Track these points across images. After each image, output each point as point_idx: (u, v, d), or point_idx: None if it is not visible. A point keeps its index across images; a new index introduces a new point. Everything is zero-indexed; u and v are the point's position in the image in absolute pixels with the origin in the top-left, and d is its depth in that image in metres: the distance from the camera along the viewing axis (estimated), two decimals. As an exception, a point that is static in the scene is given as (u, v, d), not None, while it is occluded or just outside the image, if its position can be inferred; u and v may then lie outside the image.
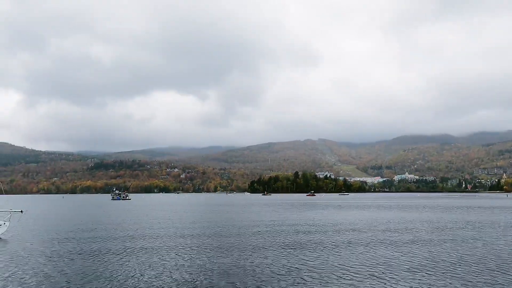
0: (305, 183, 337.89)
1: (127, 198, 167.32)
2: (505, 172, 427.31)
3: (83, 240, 29.96)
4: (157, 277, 17.37)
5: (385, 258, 21.44)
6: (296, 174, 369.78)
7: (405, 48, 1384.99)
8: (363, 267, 19.25)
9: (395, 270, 18.39)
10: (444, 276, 17.20)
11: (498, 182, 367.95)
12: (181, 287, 15.88)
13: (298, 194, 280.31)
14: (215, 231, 35.99)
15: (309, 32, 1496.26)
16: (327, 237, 31.14)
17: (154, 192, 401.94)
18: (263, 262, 20.57)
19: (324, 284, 16.06)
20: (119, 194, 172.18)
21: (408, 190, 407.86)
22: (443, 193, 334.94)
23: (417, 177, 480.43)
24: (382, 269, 18.72)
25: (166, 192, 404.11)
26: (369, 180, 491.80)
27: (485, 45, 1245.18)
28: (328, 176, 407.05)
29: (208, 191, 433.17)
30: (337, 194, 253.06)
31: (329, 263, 20.35)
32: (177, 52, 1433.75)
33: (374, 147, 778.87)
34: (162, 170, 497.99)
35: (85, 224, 44.55)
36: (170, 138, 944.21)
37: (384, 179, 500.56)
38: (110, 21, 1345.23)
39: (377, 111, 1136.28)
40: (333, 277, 17.26)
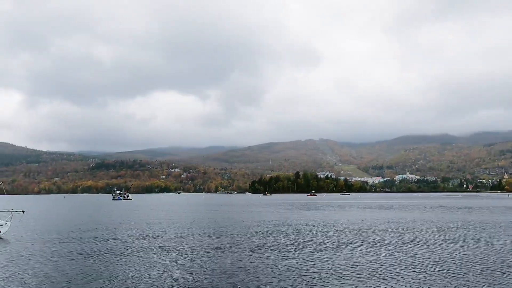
0: (306, 183, 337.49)
1: (128, 198, 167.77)
2: (506, 172, 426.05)
3: (84, 240, 30.03)
4: (158, 277, 17.41)
5: (386, 259, 21.43)
6: (297, 174, 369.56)
7: (405, 48, 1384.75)
8: (363, 267, 19.25)
9: (396, 271, 18.38)
10: (445, 277, 17.19)
11: (500, 182, 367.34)
12: (181, 287, 15.92)
13: (299, 194, 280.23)
14: (215, 231, 36.02)
15: (309, 32, 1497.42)
16: (328, 237, 31.14)
17: (155, 192, 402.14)
18: (263, 262, 20.58)
19: (325, 284, 16.06)
20: (120, 194, 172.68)
21: (409, 190, 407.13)
22: (444, 193, 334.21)
23: (418, 177, 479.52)
24: (383, 269, 18.72)
25: (167, 192, 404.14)
26: (370, 180, 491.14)
27: (485, 45, 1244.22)
28: (329, 176, 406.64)
29: (209, 191, 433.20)
30: (338, 194, 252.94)
31: (329, 263, 20.35)
32: (178, 52, 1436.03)
33: (375, 147, 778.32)
34: (163, 170, 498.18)
35: (86, 224, 44.65)
36: (171, 138, 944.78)
37: (385, 179, 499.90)
38: (111, 21, 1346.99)
39: (378, 111, 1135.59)
40: (333, 277, 17.26)
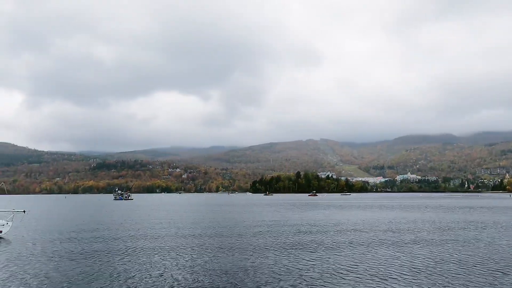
0: (307, 183, 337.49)
1: (130, 198, 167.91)
2: (508, 172, 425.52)
3: (86, 240, 30.07)
4: (159, 277, 17.43)
5: (387, 259, 21.42)
6: (298, 174, 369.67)
7: (406, 48, 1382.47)
8: (364, 267, 19.24)
9: (396, 271, 18.38)
10: (446, 277, 17.17)
11: (501, 182, 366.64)
12: (182, 287, 15.93)
13: (300, 194, 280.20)
14: (216, 231, 36.04)
15: (310, 32, 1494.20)
16: (329, 237, 31.13)
17: (156, 192, 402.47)
18: (264, 263, 20.59)
19: (326, 285, 16.06)
20: (121, 194, 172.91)
21: (410, 190, 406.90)
22: (445, 193, 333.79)
23: (419, 177, 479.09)
24: (384, 269, 18.71)
25: (168, 192, 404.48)
26: (371, 180, 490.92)
27: (486, 44, 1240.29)
28: (330, 176, 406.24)
29: (210, 191, 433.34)
30: (339, 194, 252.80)
31: (330, 263, 20.35)
32: (178, 52, 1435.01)
33: (376, 147, 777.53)
34: (164, 170, 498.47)
35: (88, 224, 44.71)
36: (172, 138, 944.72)
37: (386, 179, 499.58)
38: (111, 21, 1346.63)
39: (379, 111, 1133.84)
40: (334, 277, 17.26)
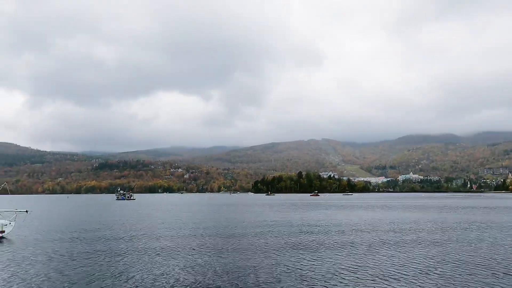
0: (309, 183, 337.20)
1: (132, 198, 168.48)
2: (510, 172, 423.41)
3: (88, 240, 30.17)
4: (160, 277, 17.47)
5: (389, 259, 21.40)
6: (299, 174, 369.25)
7: (408, 48, 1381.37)
8: (366, 267, 19.23)
9: (398, 271, 18.36)
10: (447, 277, 17.14)
11: (504, 182, 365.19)
12: (183, 287, 15.97)
13: (301, 194, 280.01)
14: (218, 231, 36.08)
15: (312, 32, 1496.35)
16: (330, 237, 31.12)
17: (158, 192, 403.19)
18: (266, 263, 20.60)
19: (327, 285, 16.07)
20: (123, 194, 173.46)
21: (413, 190, 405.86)
22: (448, 193, 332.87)
23: (422, 177, 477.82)
24: (385, 270, 18.70)
25: (170, 192, 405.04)
26: (373, 180, 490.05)
27: (487, 44, 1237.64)
28: (331, 176, 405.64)
29: (212, 191, 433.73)
30: (341, 194, 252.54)
31: (332, 263, 20.34)
32: (180, 52, 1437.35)
33: (378, 147, 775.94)
34: (166, 170, 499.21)
35: (90, 224, 44.84)
36: (173, 138, 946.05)
37: (388, 179, 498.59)
38: (112, 21, 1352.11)
39: (380, 110, 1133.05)
40: (335, 277, 17.27)
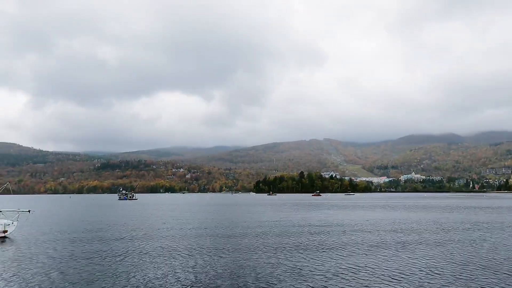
0: (311, 183, 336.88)
1: (134, 198, 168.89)
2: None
3: (90, 240, 30.22)
4: (161, 278, 17.49)
5: (390, 259, 21.37)
6: (301, 174, 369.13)
7: (410, 47, 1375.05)
8: (367, 268, 19.20)
9: (399, 271, 18.33)
10: (449, 277, 17.11)
11: (506, 182, 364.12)
12: (184, 287, 15.99)
13: (303, 194, 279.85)
14: (220, 231, 36.11)
15: (314, 32, 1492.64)
16: (332, 237, 31.09)
17: (160, 192, 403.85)
18: (267, 263, 20.60)
19: (327, 285, 16.06)
20: (125, 194, 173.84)
21: (415, 190, 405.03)
22: (450, 193, 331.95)
23: (424, 177, 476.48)
24: (387, 270, 18.67)
25: (172, 192, 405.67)
26: (375, 180, 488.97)
27: (490, 44, 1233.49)
28: (333, 176, 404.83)
29: (214, 191, 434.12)
30: (342, 194, 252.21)
31: (333, 263, 20.33)
32: (182, 52, 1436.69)
33: (380, 146, 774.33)
34: (167, 170, 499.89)
35: (92, 224, 44.94)
36: (175, 138, 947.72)
37: (390, 179, 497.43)
38: (115, 21, 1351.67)
39: (382, 110, 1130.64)
40: (336, 278, 17.25)
